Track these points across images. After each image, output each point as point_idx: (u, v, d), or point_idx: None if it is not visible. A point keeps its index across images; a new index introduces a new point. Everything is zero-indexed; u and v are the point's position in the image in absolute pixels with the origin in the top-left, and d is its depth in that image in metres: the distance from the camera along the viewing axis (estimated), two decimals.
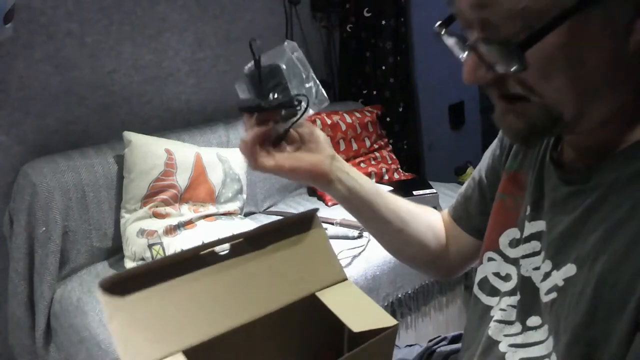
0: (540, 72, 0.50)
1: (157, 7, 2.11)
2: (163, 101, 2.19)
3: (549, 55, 0.49)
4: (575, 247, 0.56)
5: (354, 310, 0.57)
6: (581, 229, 0.55)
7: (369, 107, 2.56)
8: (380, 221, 0.82)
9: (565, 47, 0.48)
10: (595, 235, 0.53)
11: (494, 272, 0.71)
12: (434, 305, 2.01)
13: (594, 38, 0.48)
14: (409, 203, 0.87)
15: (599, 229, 0.53)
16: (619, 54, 0.49)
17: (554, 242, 0.60)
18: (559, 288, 0.57)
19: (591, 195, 0.55)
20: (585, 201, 0.56)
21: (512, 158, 0.74)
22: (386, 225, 0.83)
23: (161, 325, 0.52)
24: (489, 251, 0.73)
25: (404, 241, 0.85)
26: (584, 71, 0.49)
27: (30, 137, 1.86)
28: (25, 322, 1.72)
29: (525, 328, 0.63)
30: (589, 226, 0.54)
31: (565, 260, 0.56)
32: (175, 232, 1.76)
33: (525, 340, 0.63)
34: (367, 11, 2.59)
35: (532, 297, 0.62)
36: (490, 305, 0.71)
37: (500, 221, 0.72)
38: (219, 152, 1.97)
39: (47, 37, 1.85)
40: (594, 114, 0.53)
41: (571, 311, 0.54)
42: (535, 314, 0.62)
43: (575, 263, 0.55)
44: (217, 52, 2.32)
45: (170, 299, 0.53)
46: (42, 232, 1.68)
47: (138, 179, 1.77)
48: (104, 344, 1.39)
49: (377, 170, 2.40)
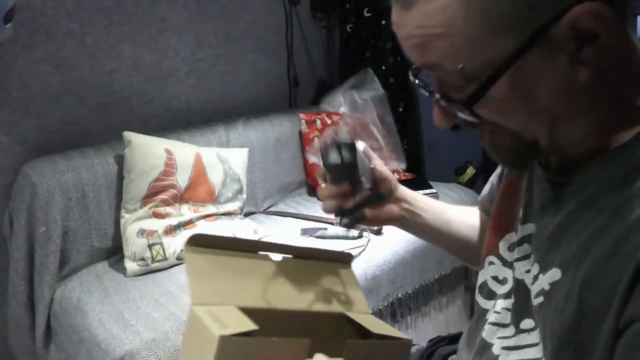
0: (498, 113, 0.52)
1: (157, 7, 2.11)
2: (163, 101, 2.19)
3: (501, 98, 0.50)
4: (559, 251, 0.56)
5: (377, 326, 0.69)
6: (566, 233, 0.56)
7: None
8: (448, 243, 0.91)
9: (512, 90, 0.50)
10: (579, 241, 0.53)
11: (493, 276, 0.72)
12: (434, 305, 2.01)
13: (539, 76, 0.49)
14: (470, 217, 0.92)
15: (582, 234, 0.53)
16: (571, 84, 0.50)
17: (541, 245, 0.60)
18: (545, 292, 0.57)
19: (575, 198, 0.56)
20: (569, 204, 0.56)
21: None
22: (453, 246, 0.91)
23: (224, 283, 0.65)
24: (489, 255, 0.73)
25: (469, 252, 0.91)
26: (540, 105, 0.51)
27: (30, 137, 1.86)
28: (25, 322, 1.72)
29: (519, 330, 0.64)
30: (572, 231, 0.54)
31: (551, 264, 0.57)
32: (175, 232, 1.76)
33: (519, 342, 0.63)
34: (367, 11, 2.60)
35: (525, 300, 0.62)
36: (486, 309, 0.72)
37: (500, 225, 0.73)
38: (219, 152, 1.97)
39: (47, 37, 1.85)
40: (570, 135, 0.54)
41: (557, 316, 0.54)
42: (528, 316, 0.62)
43: (560, 267, 0.55)
44: (217, 52, 2.32)
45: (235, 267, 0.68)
46: (42, 232, 1.68)
47: (138, 179, 1.77)
48: (104, 344, 1.39)
49: None
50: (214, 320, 0.56)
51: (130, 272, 1.68)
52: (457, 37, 0.48)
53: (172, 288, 1.59)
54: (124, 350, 1.35)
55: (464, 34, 0.48)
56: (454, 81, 0.52)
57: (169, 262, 1.72)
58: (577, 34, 0.47)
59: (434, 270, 1.97)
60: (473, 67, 0.49)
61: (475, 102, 0.51)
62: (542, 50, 0.48)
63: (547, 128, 0.53)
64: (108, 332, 1.41)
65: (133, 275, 1.68)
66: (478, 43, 0.48)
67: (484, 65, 0.49)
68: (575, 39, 0.47)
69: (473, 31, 0.48)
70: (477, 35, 0.48)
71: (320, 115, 2.35)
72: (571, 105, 0.51)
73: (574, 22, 0.46)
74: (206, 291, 0.62)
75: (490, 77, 0.49)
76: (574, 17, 0.46)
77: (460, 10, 0.47)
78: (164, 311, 1.47)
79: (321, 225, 1.95)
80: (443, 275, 2.01)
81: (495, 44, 0.48)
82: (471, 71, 0.50)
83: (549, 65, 0.49)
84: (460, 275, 2.10)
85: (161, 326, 1.41)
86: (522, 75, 0.49)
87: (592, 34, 0.47)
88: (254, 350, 0.55)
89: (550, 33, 0.47)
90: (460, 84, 0.51)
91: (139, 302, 1.53)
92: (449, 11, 0.48)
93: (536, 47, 0.47)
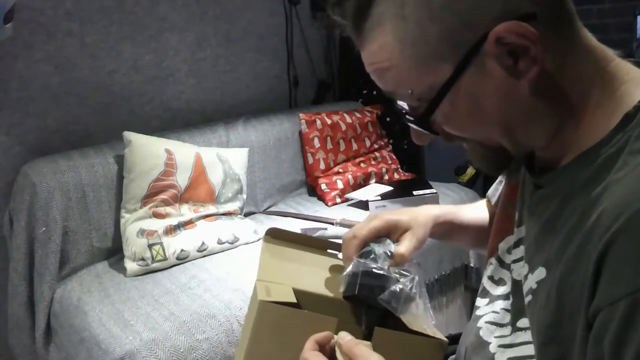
0: (457, 128, 0.59)
1: (157, 7, 2.11)
2: (163, 101, 2.19)
3: (453, 115, 0.57)
4: (544, 251, 0.58)
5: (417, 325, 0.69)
6: (549, 232, 0.58)
7: (369, 107, 2.56)
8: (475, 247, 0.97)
9: (461, 106, 0.56)
10: (558, 240, 0.55)
11: (489, 276, 0.75)
12: (434, 305, 2.01)
13: (482, 91, 0.55)
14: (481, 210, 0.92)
15: (561, 233, 0.55)
16: (514, 95, 0.54)
17: (530, 246, 0.63)
18: (533, 291, 0.59)
19: (554, 199, 0.58)
20: (550, 205, 0.59)
21: (513, 170, 0.76)
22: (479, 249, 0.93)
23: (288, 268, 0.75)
24: (490, 257, 0.76)
25: None
26: (489, 116, 0.56)
27: (30, 137, 1.86)
28: (25, 322, 1.72)
29: (515, 329, 0.65)
30: (554, 230, 0.57)
31: (538, 264, 0.59)
32: (175, 232, 1.76)
33: (514, 340, 0.65)
34: None
35: (521, 300, 0.64)
36: (478, 306, 0.74)
37: (501, 229, 0.75)
38: (219, 152, 1.97)
39: (47, 37, 1.85)
40: (530, 139, 0.59)
41: (541, 313, 0.56)
42: (524, 315, 0.64)
43: (545, 266, 0.58)
44: (217, 52, 2.32)
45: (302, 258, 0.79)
46: (42, 232, 1.68)
47: (138, 179, 1.77)
48: (104, 344, 1.39)
49: (377, 170, 2.40)
50: (265, 292, 0.66)
51: (130, 272, 1.68)
52: (400, 68, 0.56)
53: (172, 288, 1.59)
54: (124, 350, 1.35)
55: (405, 65, 0.56)
56: (410, 103, 0.60)
57: (169, 262, 1.72)
58: (510, 50, 0.52)
59: (434, 270, 1.97)
60: (420, 91, 0.56)
61: (426, 120, 0.58)
62: (478, 68, 0.53)
63: (504, 136, 0.58)
64: (108, 332, 1.41)
65: (133, 275, 1.68)
66: (418, 70, 0.55)
67: (429, 88, 0.56)
68: (508, 54, 0.52)
69: (411, 61, 0.55)
70: (416, 64, 0.55)
71: (320, 115, 2.35)
72: (521, 113, 0.56)
73: (499, 39, 0.51)
74: (269, 272, 0.72)
75: (434, 99, 0.56)
76: (498, 36, 0.51)
77: (396, 46, 0.55)
78: (163, 311, 1.47)
79: (321, 225, 1.95)
80: (443, 275, 2.01)
81: (433, 70, 0.55)
82: (419, 94, 0.57)
83: (488, 80, 0.54)
84: (460, 275, 2.10)
85: (161, 326, 1.41)
86: (466, 93, 0.55)
87: (522, 47, 0.51)
88: (287, 318, 0.65)
89: (481, 53, 0.52)
90: (415, 105, 0.59)
91: (139, 302, 1.53)
92: (388, 48, 0.56)
93: (472, 66, 0.53)
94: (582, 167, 0.55)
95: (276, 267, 0.75)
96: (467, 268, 2.11)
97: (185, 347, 1.37)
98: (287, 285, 0.70)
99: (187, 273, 1.68)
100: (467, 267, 2.11)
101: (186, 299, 1.52)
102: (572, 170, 0.56)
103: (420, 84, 0.56)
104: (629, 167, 0.50)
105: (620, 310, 0.45)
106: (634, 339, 0.44)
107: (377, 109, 2.55)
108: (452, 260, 2.05)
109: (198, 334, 1.41)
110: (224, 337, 1.43)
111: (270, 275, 0.71)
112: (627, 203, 0.47)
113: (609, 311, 0.46)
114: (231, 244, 1.85)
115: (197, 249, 1.78)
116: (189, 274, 1.67)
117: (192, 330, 1.41)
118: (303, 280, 0.72)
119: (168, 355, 1.35)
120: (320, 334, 0.63)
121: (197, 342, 1.39)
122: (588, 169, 0.54)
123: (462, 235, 0.90)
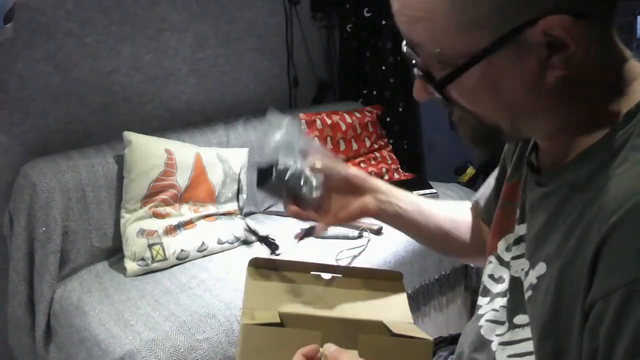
0: (466, 100, 0.57)
1: (157, 7, 2.11)
2: (163, 101, 2.19)
3: (470, 87, 0.55)
4: (545, 247, 0.59)
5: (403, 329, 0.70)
6: (550, 229, 0.58)
7: (369, 107, 2.56)
8: (426, 236, 0.91)
9: (481, 81, 0.54)
10: (559, 235, 0.56)
11: (489, 275, 0.75)
12: (434, 305, 2.01)
13: (508, 73, 0.53)
14: (449, 210, 0.93)
15: (561, 228, 0.56)
16: (536, 86, 0.53)
17: (530, 242, 0.64)
18: (533, 286, 0.60)
19: (556, 196, 0.59)
20: (552, 202, 0.59)
21: (512, 170, 0.76)
22: (432, 239, 0.92)
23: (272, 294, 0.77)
24: (490, 255, 0.76)
25: (448, 246, 0.93)
26: (504, 99, 0.55)
27: (30, 137, 1.86)
28: (25, 322, 1.72)
29: (512, 326, 0.66)
30: (555, 226, 0.57)
31: (538, 260, 0.60)
32: (175, 232, 1.76)
33: (513, 337, 0.65)
34: (367, 11, 2.59)
35: (519, 297, 0.65)
36: (480, 305, 0.75)
37: (501, 227, 0.75)
38: (219, 152, 1.97)
39: (47, 37, 1.85)
40: (531, 130, 0.60)
41: (540, 307, 0.57)
42: (522, 312, 0.65)
43: (545, 262, 0.58)
44: (217, 52, 2.32)
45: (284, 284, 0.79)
46: (42, 232, 1.68)
47: (138, 179, 1.77)
48: (104, 344, 1.39)
49: (377, 170, 2.40)
50: (250, 317, 0.68)
51: (130, 272, 1.68)
52: (438, 24, 0.52)
53: (172, 288, 1.59)
54: (124, 350, 1.35)
55: (444, 23, 0.52)
56: (429, 62, 0.56)
57: (168, 262, 1.72)
58: (549, 41, 0.50)
59: (434, 270, 1.97)
60: (449, 54, 0.53)
61: (445, 85, 0.56)
62: (513, 50, 0.51)
63: (509, 120, 0.58)
64: (108, 332, 1.41)
65: (133, 275, 1.68)
66: (456, 33, 0.52)
67: (459, 54, 0.53)
68: (546, 46, 0.51)
69: (452, 22, 0.52)
70: (455, 26, 0.52)
71: (320, 115, 2.35)
72: (534, 104, 0.56)
73: (546, 29, 0.50)
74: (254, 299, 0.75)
75: (463, 66, 0.53)
76: (547, 25, 0.49)
77: (443, 1, 0.51)
78: (163, 311, 1.47)
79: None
80: (443, 275, 2.01)
81: (472, 36, 0.52)
82: (447, 57, 0.54)
83: (518, 65, 0.52)
84: (460, 275, 2.10)
85: (161, 326, 1.41)
86: (492, 70, 0.53)
87: (562, 44, 0.50)
88: (272, 338, 0.66)
89: (523, 35, 0.50)
90: (436, 67, 0.56)
91: (139, 302, 1.53)
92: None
93: (508, 46, 0.51)
94: (584, 164, 0.55)
95: (261, 294, 0.77)
96: (467, 268, 2.11)
97: (185, 347, 1.37)
98: (273, 310, 0.71)
99: (187, 273, 1.68)
100: (467, 267, 2.11)
101: (186, 299, 1.52)
102: (574, 167, 0.57)
103: (452, 47, 0.53)
104: (630, 163, 0.50)
105: (615, 301, 0.45)
106: (627, 330, 0.44)
107: (377, 109, 2.55)
108: (452, 260, 2.04)
109: (198, 334, 1.41)
110: (224, 337, 1.43)
111: (256, 303, 0.73)
112: (625, 197, 0.47)
113: (604, 302, 0.47)
114: (231, 244, 1.85)
115: (197, 249, 1.78)
116: (189, 274, 1.67)
117: (192, 330, 1.41)
118: (287, 304, 0.74)
119: (168, 355, 1.35)
120: (307, 347, 0.64)
121: (197, 342, 1.39)
122: (590, 166, 0.54)
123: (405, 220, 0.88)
